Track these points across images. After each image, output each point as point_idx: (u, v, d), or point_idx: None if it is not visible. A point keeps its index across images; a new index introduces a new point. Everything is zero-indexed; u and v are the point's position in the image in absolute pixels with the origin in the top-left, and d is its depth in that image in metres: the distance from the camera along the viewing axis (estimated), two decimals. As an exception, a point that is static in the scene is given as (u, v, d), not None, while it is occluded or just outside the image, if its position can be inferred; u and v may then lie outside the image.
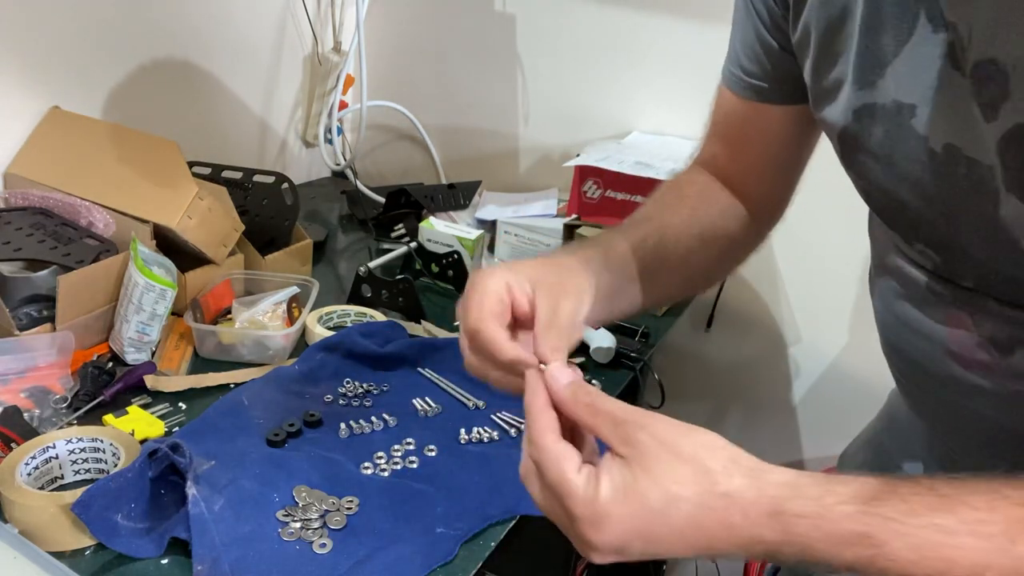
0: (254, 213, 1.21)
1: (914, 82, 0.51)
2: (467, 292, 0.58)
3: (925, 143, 0.51)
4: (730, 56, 0.71)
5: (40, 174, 1.10)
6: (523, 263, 0.59)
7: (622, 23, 1.45)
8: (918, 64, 0.50)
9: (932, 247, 0.57)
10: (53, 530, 0.70)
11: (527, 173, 1.65)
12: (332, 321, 1.13)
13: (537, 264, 0.59)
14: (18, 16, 1.12)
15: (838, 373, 1.46)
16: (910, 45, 0.50)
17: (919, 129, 0.51)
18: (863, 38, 0.53)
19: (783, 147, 0.72)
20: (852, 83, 0.55)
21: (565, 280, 0.58)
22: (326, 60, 1.69)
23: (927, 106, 0.50)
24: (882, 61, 0.52)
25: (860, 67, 0.54)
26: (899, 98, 0.52)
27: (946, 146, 0.50)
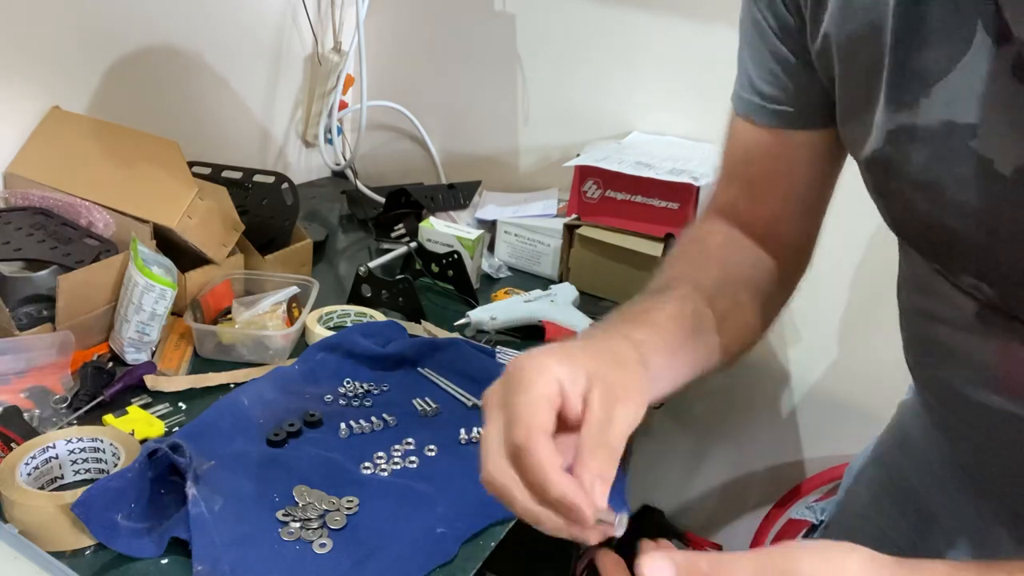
0: (254, 213, 1.21)
1: (973, 100, 0.47)
2: (511, 385, 0.47)
3: (990, 166, 0.47)
4: (742, 83, 0.64)
5: (40, 174, 1.10)
6: (576, 350, 0.49)
7: (622, 23, 1.45)
8: (977, 81, 0.46)
9: (986, 281, 0.53)
10: (53, 530, 0.70)
11: (527, 173, 1.65)
12: (332, 321, 1.13)
13: (593, 354, 0.49)
14: (18, 16, 1.12)
15: (838, 373, 1.46)
16: (966, 61, 0.46)
17: (981, 151, 0.47)
18: (898, 54, 0.49)
19: (811, 182, 0.66)
20: (885, 103, 0.51)
21: (624, 380, 0.49)
22: (326, 60, 1.69)
23: (992, 126, 0.46)
24: (927, 79, 0.48)
25: (895, 86, 0.50)
26: (952, 118, 0.48)
27: (1018, 169, 0.46)
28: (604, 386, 0.47)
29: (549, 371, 0.46)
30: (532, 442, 0.44)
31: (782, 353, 1.51)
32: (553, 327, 1.14)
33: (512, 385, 0.47)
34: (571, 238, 1.33)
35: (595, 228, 1.30)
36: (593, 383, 0.47)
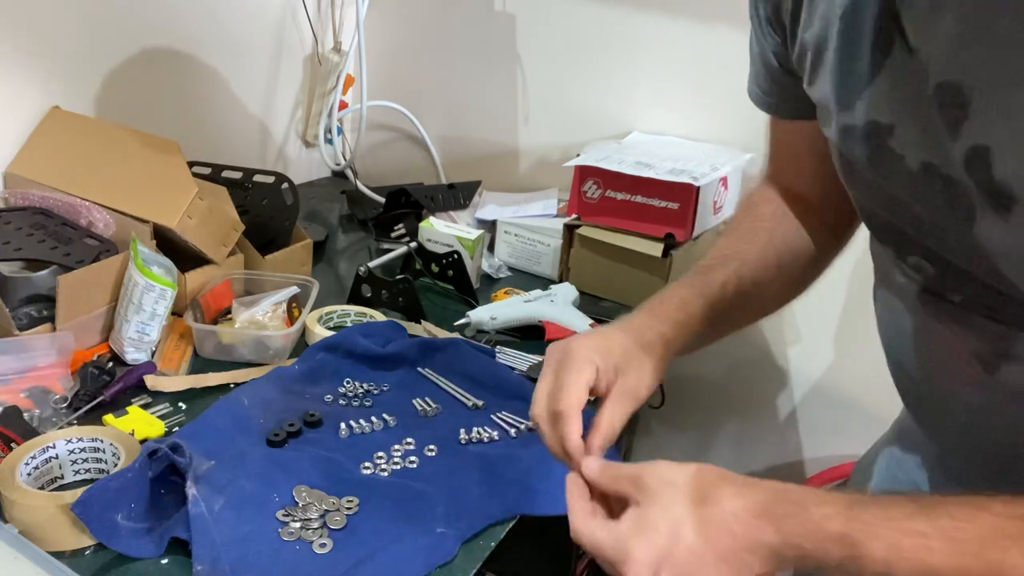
0: (254, 213, 1.21)
1: (891, 103, 0.52)
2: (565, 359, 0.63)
3: (902, 162, 0.53)
4: (751, 74, 0.72)
5: (40, 174, 1.10)
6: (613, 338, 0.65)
7: (622, 23, 1.45)
8: (894, 86, 0.52)
9: (928, 259, 0.58)
10: (53, 530, 0.70)
11: (527, 173, 1.65)
12: (332, 321, 1.13)
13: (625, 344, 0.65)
14: (18, 16, 1.12)
15: (838, 373, 1.46)
16: (886, 68, 0.52)
17: (896, 148, 0.53)
18: (840, 62, 0.55)
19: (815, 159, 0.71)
20: (835, 104, 0.57)
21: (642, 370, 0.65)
22: (326, 60, 1.69)
23: (904, 125, 0.52)
24: (860, 83, 0.54)
25: (840, 88, 0.56)
26: (877, 119, 0.54)
27: (923, 164, 0.51)
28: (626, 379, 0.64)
29: (590, 356, 0.63)
30: (567, 414, 0.61)
31: (782, 353, 1.51)
32: (553, 327, 1.14)
33: (566, 360, 0.63)
34: (571, 238, 1.33)
35: (595, 228, 1.30)
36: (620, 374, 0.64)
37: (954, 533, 0.43)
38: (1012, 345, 0.54)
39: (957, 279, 0.56)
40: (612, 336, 0.65)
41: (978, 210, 0.49)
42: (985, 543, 0.42)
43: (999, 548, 0.41)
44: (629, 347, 0.65)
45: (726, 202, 1.36)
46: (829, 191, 0.72)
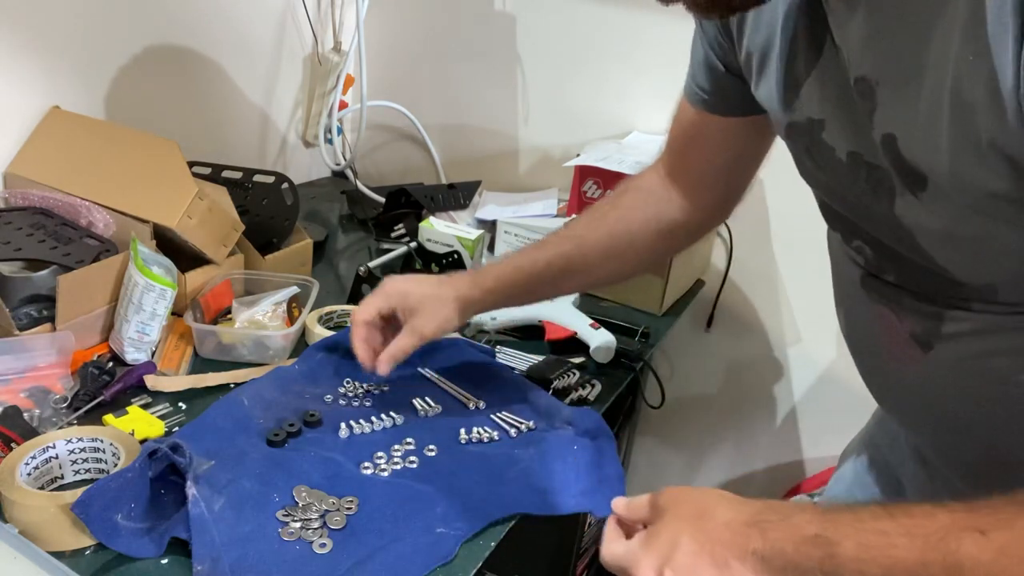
0: (254, 213, 1.21)
1: (822, 99, 0.58)
2: (375, 290, 0.92)
3: (833, 153, 0.58)
4: (689, 69, 0.78)
5: (40, 174, 1.10)
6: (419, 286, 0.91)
7: (622, 23, 1.45)
8: (824, 83, 0.57)
9: (867, 243, 0.63)
10: (53, 530, 0.70)
11: (527, 173, 1.65)
12: (332, 321, 1.13)
13: (424, 293, 0.90)
14: (18, 16, 1.12)
15: (838, 373, 1.46)
16: (818, 67, 0.57)
17: (828, 141, 0.58)
18: (784, 62, 0.60)
19: (726, 155, 0.81)
20: (780, 104, 0.62)
21: (430, 316, 0.89)
22: (326, 60, 1.69)
23: (833, 118, 0.57)
24: (799, 82, 0.59)
25: (783, 89, 0.61)
26: (811, 115, 0.59)
27: (850, 154, 0.57)
28: (410, 323, 0.90)
29: (389, 297, 0.91)
30: (355, 320, 0.91)
31: (782, 353, 1.51)
32: (553, 327, 1.14)
33: (378, 290, 0.92)
34: (571, 238, 1.33)
35: (595, 228, 1.30)
36: (409, 315, 0.90)
37: (914, 529, 0.47)
38: (943, 324, 0.59)
39: (891, 260, 0.61)
40: (419, 284, 0.91)
41: (897, 192, 0.54)
42: (942, 536, 0.46)
43: (954, 539, 0.45)
44: (427, 296, 0.89)
45: (726, 202, 1.36)
46: (709, 183, 0.84)
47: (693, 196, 0.85)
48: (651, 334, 1.21)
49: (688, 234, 0.91)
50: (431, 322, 0.88)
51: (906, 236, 0.56)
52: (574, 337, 1.13)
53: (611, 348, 1.11)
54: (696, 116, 0.79)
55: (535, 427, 0.94)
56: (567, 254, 0.88)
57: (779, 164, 1.34)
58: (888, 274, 0.62)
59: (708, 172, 0.83)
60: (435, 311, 0.88)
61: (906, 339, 0.62)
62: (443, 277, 0.92)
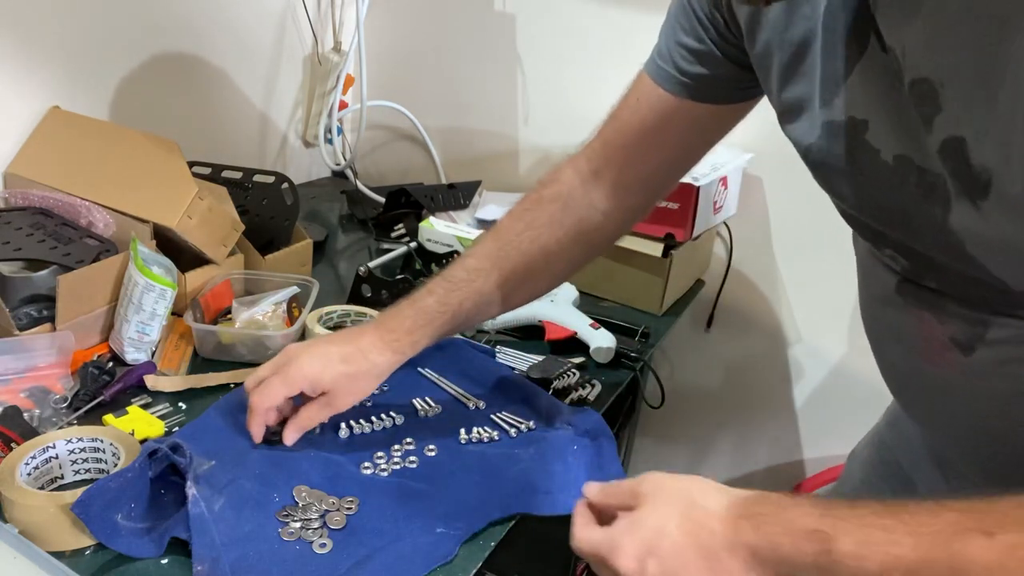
0: (254, 213, 1.21)
1: (866, 99, 0.55)
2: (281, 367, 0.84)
3: (877, 156, 0.55)
4: (660, 52, 0.74)
5: (40, 174, 1.10)
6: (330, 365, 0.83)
7: (622, 23, 1.45)
8: (868, 82, 0.54)
9: (900, 252, 0.61)
10: (53, 530, 0.70)
11: (527, 173, 1.65)
12: (332, 321, 1.13)
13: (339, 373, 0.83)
14: (18, 16, 1.12)
15: (838, 373, 1.46)
16: (861, 65, 0.55)
17: (872, 142, 0.55)
18: (824, 57, 0.57)
19: (692, 146, 0.78)
20: (819, 101, 0.59)
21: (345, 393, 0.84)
22: (326, 60, 1.69)
23: (879, 120, 0.55)
24: (840, 79, 0.56)
25: (823, 85, 0.58)
26: (853, 114, 0.56)
27: (897, 157, 0.54)
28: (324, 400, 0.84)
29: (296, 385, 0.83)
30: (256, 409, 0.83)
31: (782, 353, 1.51)
32: (553, 327, 1.14)
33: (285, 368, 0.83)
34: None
35: (595, 228, 1.30)
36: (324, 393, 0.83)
37: (918, 528, 0.45)
38: (987, 329, 0.56)
39: (930, 268, 0.58)
40: (327, 365, 0.82)
41: (953, 198, 0.51)
42: (948, 535, 0.44)
43: (959, 540, 0.44)
44: (339, 377, 0.82)
45: (726, 202, 1.36)
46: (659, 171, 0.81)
47: (622, 196, 0.82)
48: (651, 334, 1.21)
49: (607, 239, 0.88)
50: (347, 398, 0.84)
51: (955, 244, 0.53)
52: (574, 337, 1.13)
53: (611, 348, 1.11)
54: (666, 103, 0.74)
55: (535, 427, 0.94)
56: (480, 290, 0.85)
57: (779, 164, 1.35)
58: (928, 280, 0.60)
59: (657, 168, 0.80)
60: (350, 389, 0.83)
61: (946, 343, 0.60)
62: (349, 343, 0.84)
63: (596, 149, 0.83)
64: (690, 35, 0.71)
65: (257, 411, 0.82)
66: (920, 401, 0.69)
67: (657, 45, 0.76)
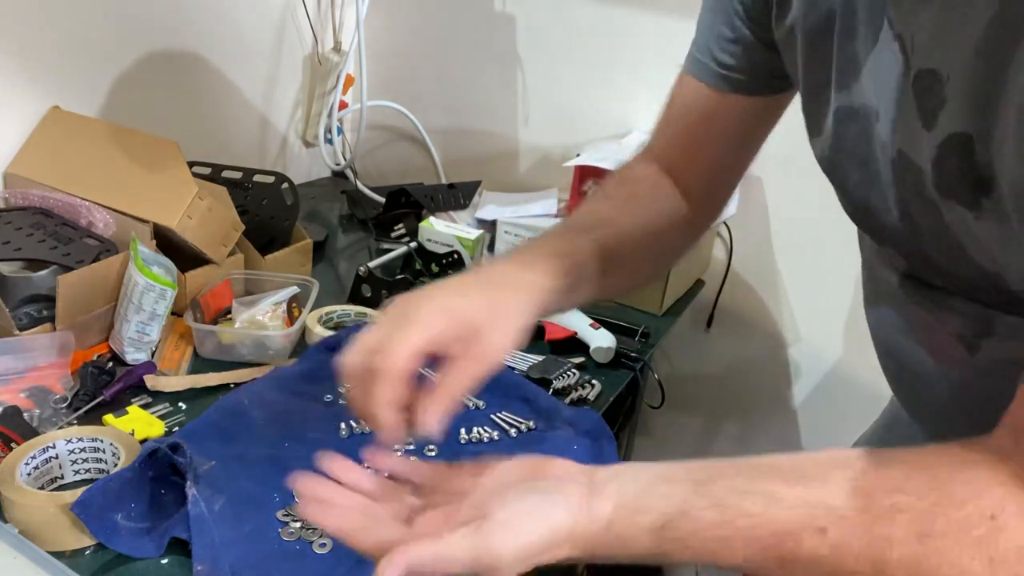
0: (254, 213, 1.21)
1: (878, 88, 0.53)
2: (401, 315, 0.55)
3: (886, 148, 0.53)
4: (699, 46, 0.70)
5: (40, 174, 1.10)
6: (472, 295, 0.57)
7: (622, 23, 1.45)
8: (881, 70, 0.52)
9: (898, 249, 0.60)
10: (53, 530, 0.70)
11: (527, 173, 1.65)
12: (332, 321, 1.13)
13: (484, 303, 0.56)
14: (18, 16, 1.12)
15: (838, 373, 1.46)
16: (875, 52, 0.52)
17: (881, 134, 0.54)
18: (841, 42, 0.55)
19: (738, 142, 0.74)
20: (834, 86, 0.57)
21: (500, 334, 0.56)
22: (326, 60, 1.69)
23: (886, 112, 0.52)
24: (856, 66, 0.54)
25: (840, 71, 0.56)
26: (867, 102, 0.54)
27: (899, 152, 0.52)
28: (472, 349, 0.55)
29: (436, 322, 0.55)
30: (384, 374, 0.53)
31: (782, 353, 1.51)
32: (553, 327, 1.14)
33: (408, 313, 0.55)
34: (571, 238, 1.33)
35: (595, 228, 1.30)
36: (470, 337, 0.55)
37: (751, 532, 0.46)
38: (993, 325, 0.55)
39: (930, 266, 0.57)
40: (471, 293, 0.57)
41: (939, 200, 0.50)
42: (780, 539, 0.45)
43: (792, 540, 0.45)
44: (490, 306, 0.56)
45: (726, 202, 1.36)
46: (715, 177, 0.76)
47: (693, 195, 0.76)
48: (651, 334, 1.21)
49: (694, 237, 0.82)
50: (503, 335, 0.56)
51: (955, 243, 0.51)
52: (574, 337, 1.13)
53: (611, 348, 1.11)
54: (710, 98, 0.70)
55: (535, 427, 0.94)
56: (604, 242, 0.67)
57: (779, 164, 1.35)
58: (932, 278, 0.58)
59: (716, 165, 0.75)
60: (506, 318, 0.57)
61: (952, 340, 0.59)
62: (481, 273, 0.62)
63: (658, 145, 0.77)
64: (726, 24, 0.67)
65: (390, 377, 0.53)
66: (924, 400, 0.69)
67: (695, 40, 0.72)
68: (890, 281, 0.63)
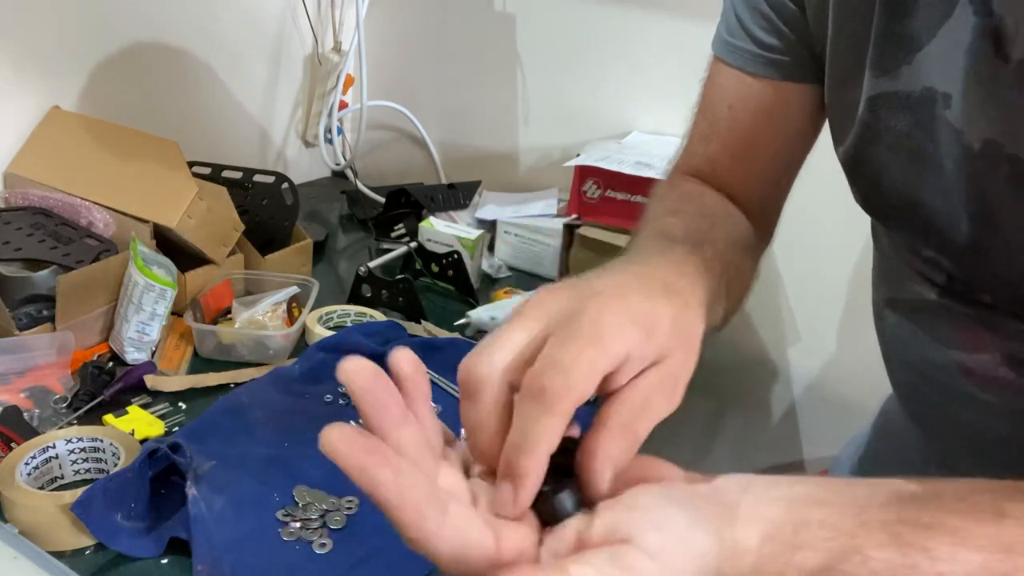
0: (254, 213, 1.21)
1: (950, 69, 0.46)
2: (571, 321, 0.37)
3: (960, 137, 0.46)
4: (731, 28, 0.60)
5: (40, 174, 1.10)
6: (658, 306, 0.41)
7: (622, 23, 1.45)
8: (955, 50, 0.45)
9: (945, 255, 0.52)
10: (53, 530, 0.70)
11: (527, 173, 1.65)
12: (332, 321, 1.13)
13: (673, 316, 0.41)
14: (18, 16, 1.12)
15: (838, 373, 1.46)
16: (946, 29, 0.45)
17: (954, 121, 0.47)
18: (884, 20, 0.48)
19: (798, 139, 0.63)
20: (870, 69, 0.50)
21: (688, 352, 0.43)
22: (326, 60, 1.69)
23: (964, 96, 0.46)
24: (911, 46, 0.47)
25: (880, 52, 0.49)
26: (932, 85, 0.47)
27: (986, 141, 0.46)
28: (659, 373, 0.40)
29: (626, 338, 0.37)
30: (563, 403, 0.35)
31: (782, 353, 1.51)
32: (553, 327, 1.13)
33: (585, 321, 0.37)
34: (571, 238, 1.33)
35: (595, 228, 1.30)
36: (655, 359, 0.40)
37: None
38: None
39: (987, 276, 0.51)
40: (655, 300, 0.41)
41: None
42: None
43: None
44: (675, 322, 0.41)
45: (726, 202, 1.36)
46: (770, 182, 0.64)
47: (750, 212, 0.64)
48: (651, 334, 1.21)
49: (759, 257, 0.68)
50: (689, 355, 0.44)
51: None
52: (574, 337, 1.12)
53: (611, 348, 1.10)
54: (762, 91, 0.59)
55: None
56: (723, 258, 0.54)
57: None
58: (984, 294, 0.52)
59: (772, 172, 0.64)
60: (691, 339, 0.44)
61: (998, 362, 0.53)
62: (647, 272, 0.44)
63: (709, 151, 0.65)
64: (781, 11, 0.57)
65: (559, 407, 0.35)
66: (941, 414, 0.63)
67: (724, 22, 0.62)
68: (923, 293, 0.57)
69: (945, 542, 0.35)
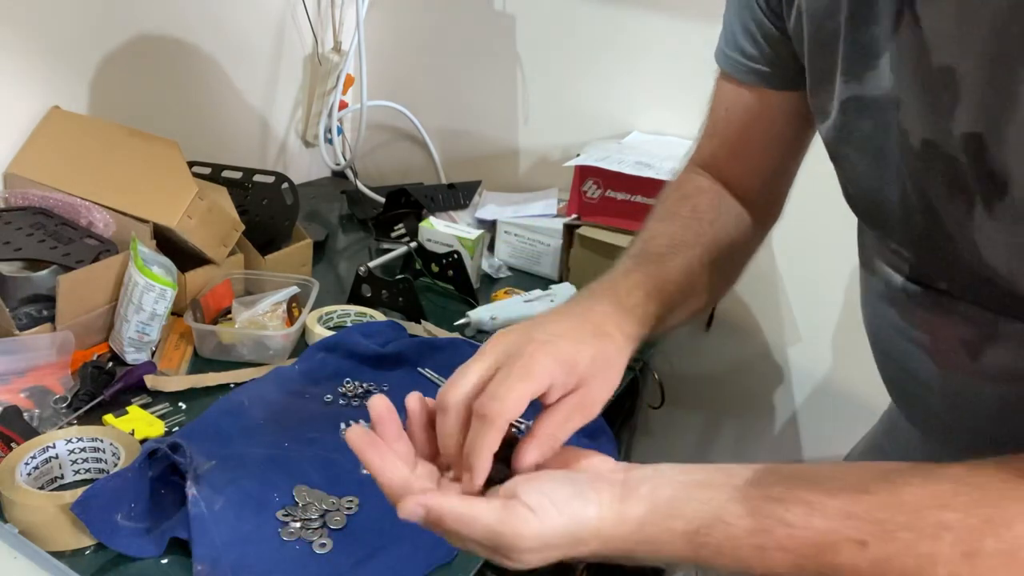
0: (254, 213, 1.21)
1: (901, 75, 0.50)
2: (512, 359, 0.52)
3: (906, 137, 0.51)
4: (727, 40, 0.68)
5: (40, 174, 1.10)
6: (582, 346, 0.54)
7: (622, 23, 1.45)
8: (904, 57, 0.50)
9: (906, 246, 0.58)
10: (53, 530, 0.70)
11: (527, 173, 1.65)
12: (332, 321, 1.13)
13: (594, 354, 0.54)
14: (18, 16, 1.12)
15: (838, 373, 1.46)
16: (898, 37, 0.50)
17: (902, 123, 0.51)
18: (851, 29, 0.53)
19: (784, 141, 0.70)
20: (841, 75, 0.55)
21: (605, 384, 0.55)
22: (326, 60, 1.69)
23: (910, 100, 0.50)
24: (874, 52, 0.52)
25: (848, 58, 0.54)
26: (889, 90, 0.52)
27: (924, 141, 0.50)
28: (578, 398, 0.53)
29: (549, 374, 0.51)
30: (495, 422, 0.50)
31: (782, 353, 1.51)
32: (553, 327, 1.13)
33: (520, 360, 0.52)
34: (571, 238, 1.33)
35: (595, 228, 1.30)
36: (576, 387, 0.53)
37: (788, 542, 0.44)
38: (997, 331, 0.54)
39: (940, 265, 0.55)
40: (583, 340, 0.54)
41: (974, 194, 0.48)
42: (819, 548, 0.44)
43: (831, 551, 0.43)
44: (598, 358, 0.54)
45: (726, 202, 1.36)
46: (766, 177, 0.72)
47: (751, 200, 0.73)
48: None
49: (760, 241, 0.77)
50: (604, 390, 0.56)
51: (971, 242, 0.50)
52: (574, 337, 1.12)
53: (611, 348, 1.10)
54: (750, 97, 0.68)
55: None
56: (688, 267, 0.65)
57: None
58: (939, 281, 0.57)
59: (767, 166, 0.72)
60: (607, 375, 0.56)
61: (953, 345, 0.57)
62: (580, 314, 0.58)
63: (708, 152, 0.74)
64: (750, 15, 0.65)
65: (495, 425, 0.49)
66: (923, 405, 0.67)
67: (723, 35, 0.69)
68: (892, 281, 0.62)
69: (799, 512, 0.44)
